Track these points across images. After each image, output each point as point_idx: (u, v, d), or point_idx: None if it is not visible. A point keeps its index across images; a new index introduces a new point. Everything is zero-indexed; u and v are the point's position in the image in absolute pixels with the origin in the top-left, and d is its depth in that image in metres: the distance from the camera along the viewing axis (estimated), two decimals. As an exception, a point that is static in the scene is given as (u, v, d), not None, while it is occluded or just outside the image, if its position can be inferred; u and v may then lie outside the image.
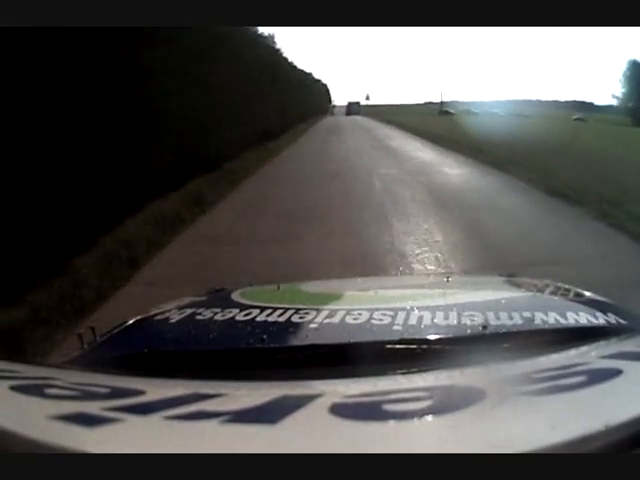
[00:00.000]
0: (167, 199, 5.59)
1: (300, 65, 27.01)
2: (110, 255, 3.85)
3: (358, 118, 38.64)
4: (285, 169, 9.19)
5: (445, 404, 0.41)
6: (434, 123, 24.43)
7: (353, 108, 51.13)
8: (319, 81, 46.04)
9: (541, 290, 1.11)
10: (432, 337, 0.78)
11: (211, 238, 4.66)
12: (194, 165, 6.72)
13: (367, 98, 41.82)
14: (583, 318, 0.85)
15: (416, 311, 0.86)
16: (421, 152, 12.10)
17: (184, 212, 5.32)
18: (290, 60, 20.30)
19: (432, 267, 3.73)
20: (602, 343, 0.67)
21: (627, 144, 15.11)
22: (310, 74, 35.96)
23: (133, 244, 4.14)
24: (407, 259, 3.91)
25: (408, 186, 7.12)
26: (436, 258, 3.92)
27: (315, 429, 0.39)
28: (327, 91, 60.57)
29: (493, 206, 5.77)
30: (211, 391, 0.48)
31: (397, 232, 4.69)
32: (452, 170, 8.83)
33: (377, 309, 0.87)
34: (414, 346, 0.75)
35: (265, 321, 0.86)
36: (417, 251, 4.10)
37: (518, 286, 1.21)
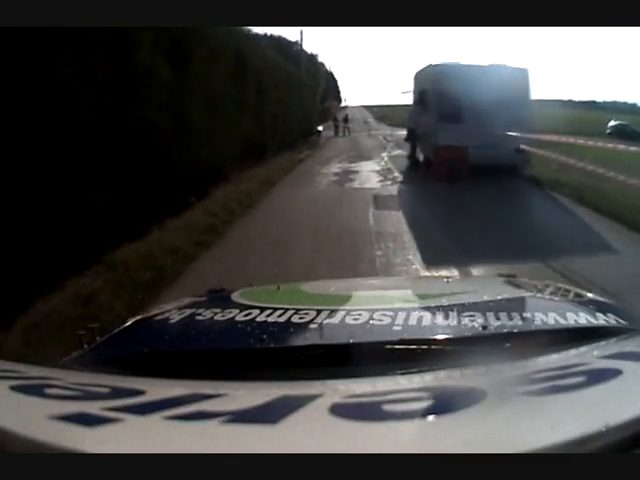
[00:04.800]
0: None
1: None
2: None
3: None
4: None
5: (445, 404, 0.41)
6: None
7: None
8: (312, 58, 24.68)
9: (541, 291, 1.11)
10: (432, 337, 0.77)
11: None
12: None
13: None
14: (583, 319, 0.85)
15: (416, 311, 0.86)
16: None
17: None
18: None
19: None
20: (602, 343, 0.67)
21: None
22: (294, 43, 19.16)
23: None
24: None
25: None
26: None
27: (315, 429, 0.39)
28: (333, 80, 37.23)
29: None
30: (211, 391, 0.48)
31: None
32: None
33: (377, 309, 0.87)
34: (414, 346, 0.75)
35: (265, 321, 0.86)
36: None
37: (518, 287, 1.21)
